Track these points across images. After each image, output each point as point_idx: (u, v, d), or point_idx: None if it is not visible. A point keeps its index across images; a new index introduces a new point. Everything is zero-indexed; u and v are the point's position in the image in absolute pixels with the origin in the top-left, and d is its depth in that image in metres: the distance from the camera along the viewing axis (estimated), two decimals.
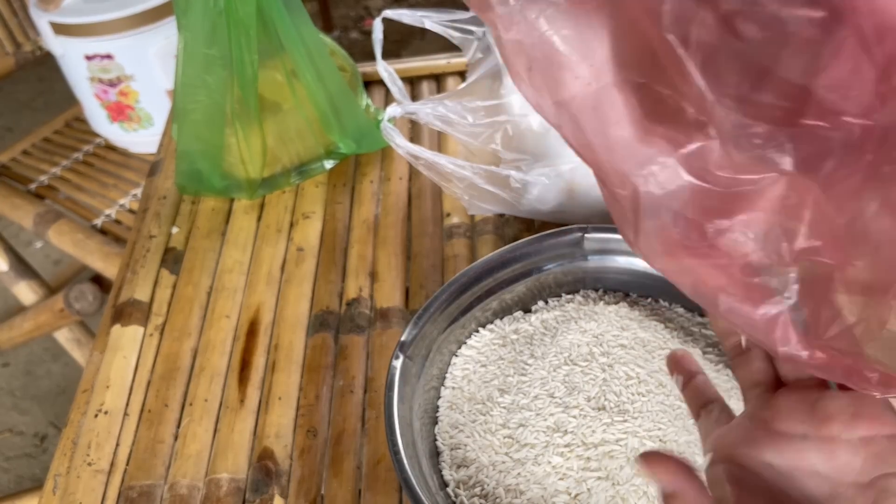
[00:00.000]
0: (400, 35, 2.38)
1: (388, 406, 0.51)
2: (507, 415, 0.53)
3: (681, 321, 0.60)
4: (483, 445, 0.52)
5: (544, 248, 0.60)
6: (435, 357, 0.57)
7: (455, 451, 0.53)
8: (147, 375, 0.66)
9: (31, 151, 1.38)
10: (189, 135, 0.77)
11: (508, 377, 0.56)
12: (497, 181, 0.67)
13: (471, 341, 0.60)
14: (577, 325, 0.58)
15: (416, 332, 0.55)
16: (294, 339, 0.67)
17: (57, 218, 1.22)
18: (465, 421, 0.55)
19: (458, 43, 0.69)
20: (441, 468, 0.53)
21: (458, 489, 0.51)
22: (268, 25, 0.71)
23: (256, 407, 0.63)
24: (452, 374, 0.58)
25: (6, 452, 1.54)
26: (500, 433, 0.53)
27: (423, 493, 0.47)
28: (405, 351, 0.54)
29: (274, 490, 0.58)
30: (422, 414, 0.55)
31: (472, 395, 0.56)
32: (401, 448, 0.49)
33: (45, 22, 1.20)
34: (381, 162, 0.84)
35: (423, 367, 0.56)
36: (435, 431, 0.55)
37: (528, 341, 0.59)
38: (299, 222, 0.78)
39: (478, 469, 0.51)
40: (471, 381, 0.57)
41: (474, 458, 0.52)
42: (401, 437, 0.50)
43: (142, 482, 0.59)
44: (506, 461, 0.51)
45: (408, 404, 0.53)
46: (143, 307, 0.72)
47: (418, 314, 0.56)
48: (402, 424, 0.51)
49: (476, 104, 0.66)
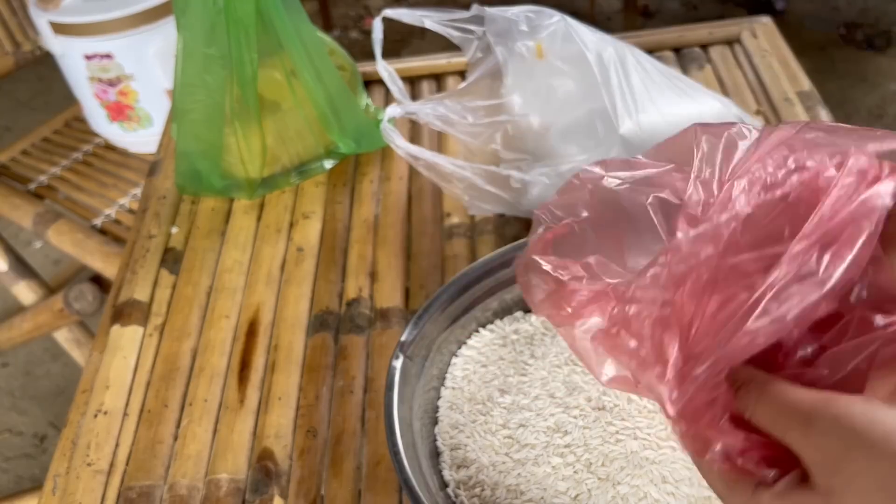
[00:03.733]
0: (400, 34, 2.38)
1: (388, 406, 0.51)
2: (508, 415, 0.53)
3: None
4: (483, 446, 0.52)
5: None
6: (435, 357, 0.57)
7: (455, 451, 0.53)
8: (146, 376, 0.66)
9: (31, 151, 1.38)
10: (188, 134, 0.77)
11: (509, 377, 0.56)
12: (497, 181, 0.67)
13: (471, 341, 0.60)
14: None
15: (416, 332, 0.55)
16: (294, 339, 0.67)
17: (56, 218, 1.22)
18: (466, 421, 0.54)
19: (458, 42, 0.69)
20: (441, 469, 0.53)
21: (458, 489, 0.51)
22: (267, 25, 0.71)
23: (256, 407, 0.63)
24: (452, 374, 0.58)
25: (5, 453, 1.54)
26: (500, 433, 0.52)
27: (423, 494, 0.46)
28: (405, 351, 0.54)
29: (274, 490, 0.58)
30: (422, 414, 0.54)
31: (473, 396, 0.56)
32: (401, 448, 0.49)
33: (44, 21, 1.20)
34: (381, 162, 0.84)
35: (424, 367, 0.55)
36: (435, 432, 0.55)
37: (529, 341, 0.59)
38: (299, 222, 0.78)
39: (478, 469, 0.51)
40: (471, 381, 0.57)
41: (474, 459, 0.52)
42: (401, 438, 0.49)
43: (141, 482, 0.59)
44: (506, 461, 0.51)
45: (408, 404, 0.53)
46: (142, 307, 0.71)
47: (418, 314, 0.56)
48: (402, 425, 0.50)
49: (476, 104, 0.66)
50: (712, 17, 2.38)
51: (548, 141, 0.66)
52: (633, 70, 0.66)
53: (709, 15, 2.39)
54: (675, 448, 0.50)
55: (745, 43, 0.92)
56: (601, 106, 0.65)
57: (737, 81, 0.87)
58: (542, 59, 0.65)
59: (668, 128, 0.66)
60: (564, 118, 0.66)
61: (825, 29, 2.31)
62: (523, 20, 0.66)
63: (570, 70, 0.65)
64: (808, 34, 2.29)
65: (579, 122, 0.65)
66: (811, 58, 2.18)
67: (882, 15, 2.34)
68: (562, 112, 0.66)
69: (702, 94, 0.70)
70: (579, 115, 0.65)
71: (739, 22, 0.95)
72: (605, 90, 0.65)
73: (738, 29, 0.94)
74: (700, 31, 0.94)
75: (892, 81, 2.11)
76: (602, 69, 0.65)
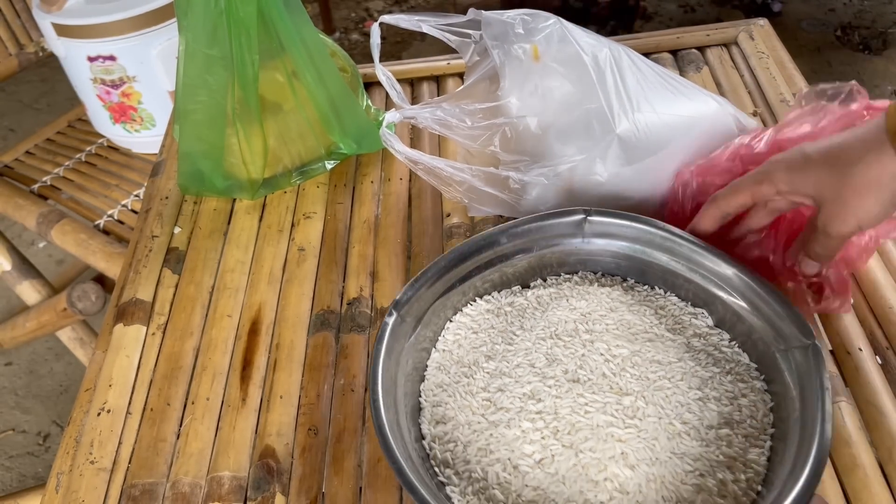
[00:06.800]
0: (400, 36, 2.39)
1: (375, 358, 0.54)
2: (489, 379, 0.56)
3: (673, 310, 0.62)
4: (462, 406, 0.55)
5: (546, 227, 0.63)
6: (431, 320, 0.60)
7: (436, 408, 0.56)
8: (149, 374, 0.67)
9: (35, 152, 1.39)
10: (190, 135, 0.77)
11: (496, 345, 0.59)
12: (496, 183, 0.68)
13: (467, 309, 0.63)
14: (567, 303, 0.61)
15: (411, 294, 0.58)
16: (295, 338, 0.68)
17: (60, 218, 1.23)
18: (450, 382, 0.57)
19: (456, 46, 0.69)
20: (421, 423, 0.56)
21: (433, 443, 0.54)
22: (268, 26, 0.72)
23: (258, 405, 0.64)
24: (445, 337, 0.61)
25: (9, 451, 1.55)
26: (479, 396, 0.55)
27: (395, 441, 0.49)
28: (399, 309, 0.57)
29: (275, 488, 0.58)
30: (411, 371, 0.57)
31: (460, 359, 0.59)
32: (380, 396, 0.52)
33: (47, 23, 1.20)
34: (382, 162, 0.84)
35: (418, 328, 0.58)
36: (420, 389, 0.58)
37: (520, 314, 0.61)
38: (300, 222, 0.79)
39: (454, 427, 0.54)
40: (461, 345, 0.60)
41: (452, 416, 0.55)
42: (381, 388, 0.52)
43: (144, 480, 0.60)
44: (481, 422, 0.54)
45: (395, 359, 0.56)
46: (145, 307, 0.72)
47: (416, 277, 0.59)
48: (386, 377, 0.54)
49: (474, 107, 0.67)
50: (709, 19, 2.38)
51: (546, 142, 0.66)
52: (628, 71, 0.67)
53: (706, 17, 2.39)
54: (640, 428, 0.52)
55: (742, 45, 0.93)
56: (598, 107, 0.65)
57: (734, 83, 0.88)
58: (538, 61, 0.66)
59: (664, 127, 0.67)
60: (562, 119, 0.66)
61: (822, 31, 2.31)
62: (519, 23, 0.66)
63: (566, 72, 0.66)
64: (805, 36, 2.29)
65: (576, 122, 0.66)
66: (808, 60, 2.18)
67: (878, 17, 2.34)
68: (559, 113, 0.66)
69: (697, 93, 0.70)
70: (576, 116, 0.66)
71: (736, 24, 0.95)
72: (601, 91, 0.65)
73: (735, 31, 0.94)
74: (697, 33, 0.94)
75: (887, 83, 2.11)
76: (598, 70, 0.65)
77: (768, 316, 0.56)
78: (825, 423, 0.48)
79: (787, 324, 0.54)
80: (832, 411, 0.50)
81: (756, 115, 0.83)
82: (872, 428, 0.57)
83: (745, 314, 0.57)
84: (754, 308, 0.57)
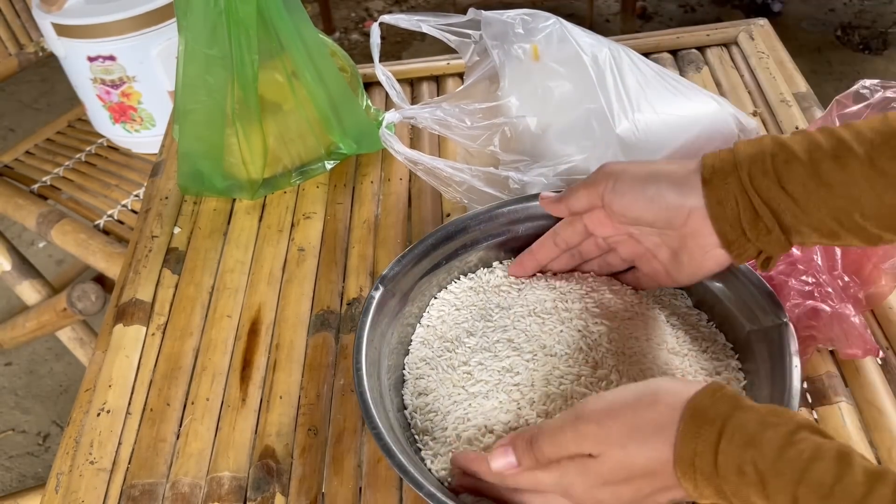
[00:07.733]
0: (401, 36, 2.39)
1: (360, 328, 0.57)
2: (470, 354, 0.58)
3: (652, 290, 0.63)
4: (443, 378, 0.57)
5: (532, 207, 0.63)
6: (417, 296, 0.62)
7: (419, 380, 0.59)
8: (149, 374, 0.67)
9: (34, 152, 1.39)
10: (190, 135, 0.77)
11: (477, 322, 0.61)
12: (496, 183, 0.68)
13: (451, 286, 0.64)
14: (546, 283, 0.62)
15: (397, 269, 0.60)
16: (295, 338, 0.68)
17: (60, 218, 1.23)
18: (433, 356, 0.59)
19: (456, 46, 0.69)
20: (403, 394, 0.59)
21: (414, 413, 0.57)
22: (268, 26, 0.72)
23: (258, 406, 0.64)
24: (429, 313, 0.63)
25: (9, 451, 1.55)
26: (460, 369, 0.57)
27: (376, 410, 0.52)
28: (385, 284, 0.60)
29: (275, 488, 0.58)
30: (396, 344, 0.60)
31: (443, 335, 0.61)
32: (363, 366, 0.54)
33: (47, 23, 1.20)
34: (382, 162, 0.84)
35: (405, 303, 0.61)
36: (405, 362, 0.60)
37: (501, 292, 0.63)
38: (300, 222, 0.79)
39: (435, 398, 0.57)
40: (444, 321, 0.62)
41: (434, 388, 0.57)
42: (365, 358, 0.55)
43: (144, 480, 0.60)
44: (461, 393, 0.56)
45: (380, 332, 0.58)
46: (145, 307, 0.72)
47: (402, 254, 0.62)
48: (370, 348, 0.56)
49: (474, 107, 0.67)
50: (709, 19, 2.38)
51: (545, 142, 0.66)
52: (628, 71, 0.67)
53: (706, 17, 2.40)
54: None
55: (742, 45, 0.93)
56: (597, 106, 0.65)
57: (734, 83, 0.88)
58: (538, 61, 0.66)
59: (664, 127, 0.67)
60: (561, 119, 0.66)
61: (822, 31, 2.31)
62: (519, 23, 0.66)
63: (566, 72, 0.66)
64: (805, 36, 2.29)
65: (576, 122, 0.66)
66: (808, 59, 2.18)
67: (878, 17, 2.34)
68: (559, 113, 0.66)
69: (697, 93, 0.70)
70: (576, 116, 0.66)
71: (736, 24, 0.95)
72: (600, 91, 0.65)
73: (735, 31, 0.94)
74: (697, 33, 0.94)
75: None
76: (598, 70, 0.65)
77: (743, 296, 0.58)
78: (792, 399, 0.50)
79: (759, 303, 0.56)
80: (800, 389, 0.51)
81: (756, 115, 0.83)
82: (872, 428, 0.57)
83: (722, 295, 0.59)
84: (731, 288, 0.59)
